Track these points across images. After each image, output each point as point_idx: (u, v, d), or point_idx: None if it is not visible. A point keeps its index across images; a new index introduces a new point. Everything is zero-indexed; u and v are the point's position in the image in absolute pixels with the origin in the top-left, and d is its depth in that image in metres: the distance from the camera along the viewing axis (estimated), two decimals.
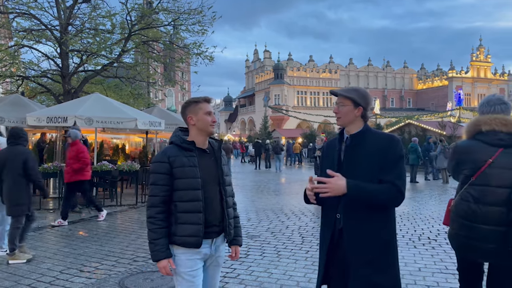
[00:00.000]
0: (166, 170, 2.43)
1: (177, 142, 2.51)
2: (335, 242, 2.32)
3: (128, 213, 9.23)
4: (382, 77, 72.68)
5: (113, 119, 10.05)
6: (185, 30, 15.31)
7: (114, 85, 17.85)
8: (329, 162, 2.43)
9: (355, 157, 2.31)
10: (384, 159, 2.24)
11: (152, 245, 2.42)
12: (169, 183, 2.43)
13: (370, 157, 2.26)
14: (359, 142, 2.33)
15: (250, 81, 73.45)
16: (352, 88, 2.45)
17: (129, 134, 18.20)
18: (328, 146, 2.56)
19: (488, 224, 2.57)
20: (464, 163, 2.81)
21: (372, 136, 2.35)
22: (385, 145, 2.28)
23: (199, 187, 2.43)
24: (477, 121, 2.84)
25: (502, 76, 75.79)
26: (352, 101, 2.35)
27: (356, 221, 2.24)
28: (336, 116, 2.42)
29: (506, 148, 2.66)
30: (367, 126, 2.39)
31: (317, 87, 61.26)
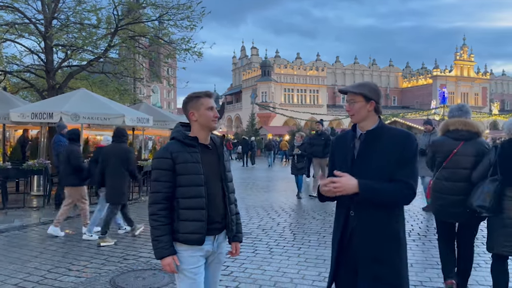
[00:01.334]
0: (168, 166, 2.39)
1: (180, 137, 2.46)
2: (347, 240, 2.28)
3: None
4: (368, 75, 73.21)
5: (100, 115, 9.87)
6: (174, 26, 15.13)
7: (99, 80, 17.53)
8: (341, 158, 2.37)
9: (370, 154, 2.26)
10: (399, 156, 2.20)
11: (156, 242, 2.37)
12: (172, 180, 2.39)
13: (386, 154, 2.22)
14: (374, 139, 2.28)
15: (237, 78, 73.24)
16: (360, 83, 2.40)
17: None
18: (339, 141, 2.50)
19: (455, 195, 3.67)
20: (438, 153, 4.11)
21: (388, 132, 2.30)
22: (401, 142, 2.23)
23: (202, 183, 2.39)
24: (446, 123, 4.16)
25: (484, 75, 77.06)
26: (363, 96, 2.30)
27: (368, 218, 2.20)
28: (349, 114, 2.37)
29: (466, 141, 3.94)
30: (382, 122, 2.34)
31: (304, 84, 61.40)
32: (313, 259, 5.31)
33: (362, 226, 2.21)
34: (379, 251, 2.19)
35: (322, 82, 62.83)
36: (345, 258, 2.29)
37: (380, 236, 2.19)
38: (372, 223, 2.20)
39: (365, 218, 2.20)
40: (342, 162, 2.35)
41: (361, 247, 2.21)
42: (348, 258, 2.28)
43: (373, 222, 2.20)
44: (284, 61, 64.32)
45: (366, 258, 2.19)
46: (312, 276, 4.65)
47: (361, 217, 2.21)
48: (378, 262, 2.17)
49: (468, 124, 3.97)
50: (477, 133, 3.97)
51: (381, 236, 2.19)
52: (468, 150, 3.87)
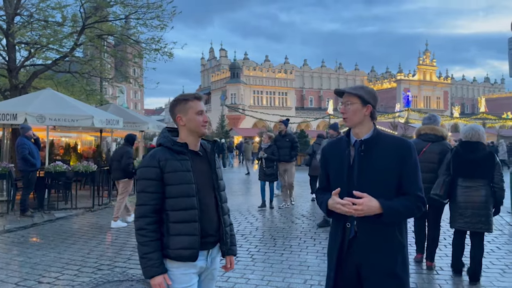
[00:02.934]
0: (156, 176, 2.18)
1: (167, 144, 2.25)
2: (344, 253, 2.18)
3: (85, 217, 8.69)
4: (335, 78, 74.39)
5: (68, 116, 9.43)
6: (143, 25, 14.75)
7: (64, 80, 16.85)
8: (336, 167, 2.26)
9: (367, 163, 2.15)
10: (404, 167, 2.13)
11: (144, 260, 2.16)
12: (160, 190, 2.19)
13: (384, 164, 2.13)
14: (371, 148, 2.18)
15: (206, 80, 72.68)
16: (357, 85, 2.31)
17: (81, 133, 17.31)
18: (332, 148, 2.37)
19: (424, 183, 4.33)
20: None
21: (385, 140, 2.21)
22: (403, 152, 2.16)
23: (194, 193, 2.20)
24: (418, 129, 5.38)
25: (446, 79, 79.96)
26: (360, 98, 2.20)
27: (370, 229, 2.10)
28: (343, 116, 2.25)
29: (432, 142, 5.03)
30: (378, 129, 2.25)
31: (273, 87, 61.64)
32: (296, 265, 5.20)
33: (366, 239, 2.12)
34: (385, 264, 2.11)
35: (290, 85, 63.30)
36: (345, 270, 2.19)
37: (386, 249, 2.11)
38: (374, 234, 2.11)
39: (368, 231, 2.11)
40: (337, 171, 2.25)
41: (366, 261, 2.12)
42: (348, 270, 2.18)
43: (375, 233, 2.11)
44: (253, 63, 64.42)
45: (372, 272, 2.11)
46: (299, 285, 4.53)
47: (363, 230, 2.12)
48: (385, 276, 2.10)
49: (435, 130, 5.11)
50: (442, 136, 5.08)
51: (387, 249, 2.11)
52: (434, 149, 4.97)
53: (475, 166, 4.45)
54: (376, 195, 2.08)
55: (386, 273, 2.10)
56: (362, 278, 2.14)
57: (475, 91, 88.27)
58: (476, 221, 4.39)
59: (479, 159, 4.45)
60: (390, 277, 2.10)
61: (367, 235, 2.11)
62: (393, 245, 2.12)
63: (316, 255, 5.64)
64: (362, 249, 2.12)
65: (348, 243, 2.17)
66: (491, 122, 52.32)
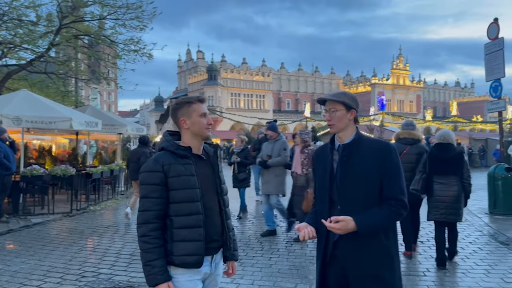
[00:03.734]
0: (159, 181, 2.13)
1: (171, 148, 2.20)
2: (329, 255, 2.20)
3: (64, 222, 8.43)
4: (311, 81, 75.09)
5: (45, 118, 9.15)
6: (122, 25, 14.52)
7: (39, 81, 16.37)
8: (321, 173, 2.31)
9: (350, 168, 2.18)
10: (384, 170, 2.16)
11: (148, 268, 2.09)
12: (164, 195, 2.13)
13: (367, 168, 2.15)
14: (353, 151, 2.21)
15: (183, 82, 72.08)
16: (339, 92, 2.34)
17: (56, 135, 16.84)
18: (319, 154, 2.41)
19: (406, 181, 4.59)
20: None
21: (367, 144, 2.24)
22: (383, 154, 2.18)
23: (198, 198, 2.15)
24: (397, 133, 6.02)
25: (418, 83, 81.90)
26: (344, 105, 2.24)
27: (354, 232, 2.09)
28: (328, 123, 2.28)
29: (411, 145, 5.67)
30: (359, 133, 2.29)
31: (251, 89, 61.69)
32: (286, 269, 5.18)
33: (350, 242, 2.13)
34: (370, 267, 2.11)
35: (268, 88, 63.51)
36: (332, 273, 2.21)
37: (370, 252, 2.12)
38: (361, 238, 2.11)
39: (352, 234, 2.10)
40: (321, 177, 2.28)
41: (350, 263, 2.13)
42: (335, 273, 2.20)
43: (361, 238, 2.11)
44: (231, 65, 64.32)
45: (358, 275, 2.12)
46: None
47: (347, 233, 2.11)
48: (371, 279, 2.11)
49: (412, 134, 5.78)
50: (418, 140, 5.77)
51: (371, 252, 2.12)
52: (412, 151, 5.60)
53: (448, 164, 5.20)
54: (358, 199, 2.13)
55: (371, 275, 2.11)
56: (349, 280, 2.15)
57: (447, 95, 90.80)
58: (449, 213, 5.12)
59: (450, 158, 5.22)
60: (376, 279, 2.11)
61: (351, 237, 2.11)
62: (377, 247, 2.13)
63: (305, 258, 5.64)
64: (347, 252, 2.14)
65: (332, 245, 2.18)
66: (462, 125, 53.94)
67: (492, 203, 8.79)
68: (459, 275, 4.94)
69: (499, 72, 9.20)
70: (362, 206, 2.13)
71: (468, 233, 7.07)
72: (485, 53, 9.61)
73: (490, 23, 9.55)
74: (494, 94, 9.38)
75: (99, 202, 10.91)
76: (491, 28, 9.49)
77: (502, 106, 9.28)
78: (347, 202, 2.15)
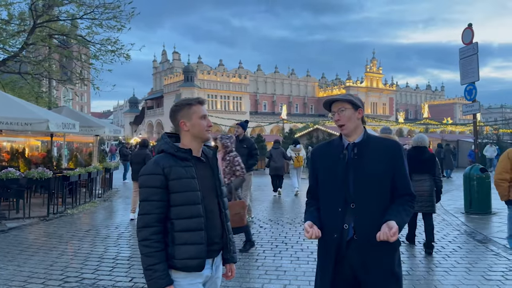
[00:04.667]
0: (160, 184, 2.11)
1: (171, 150, 2.19)
2: (341, 255, 2.20)
3: (41, 227, 8.19)
4: (287, 84, 75.62)
5: (20, 120, 8.84)
6: (99, 25, 14.25)
7: (11, 81, 15.88)
8: (329, 171, 2.29)
9: (363, 167, 2.21)
10: (396, 167, 2.23)
11: (150, 272, 2.07)
12: (165, 198, 2.12)
13: (380, 166, 2.20)
14: (365, 150, 2.25)
15: (158, 83, 71.28)
16: (344, 93, 2.40)
17: (29, 137, 16.35)
18: (322, 152, 2.41)
19: None
20: None
21: (376, 142, 2.31)
22: (394, 152, 2.26)
23: (199, 201, 2.15)
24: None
25: (391, 86, 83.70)
26: (351, 104, 2.28)
27: (369, 229, 2.13)
28: (338, 124, 2.30)
29: None
30: (367, 132, 2.34)
31: (228, 91, 61.63)
32: (273, 270, 5.19)
33: (364, 240, 2.14)
34: (386, 264, 2.17)
35: (245, 89, 63.60)
36: (340, 272, 2.21)
37: (385, 248, 2.15)
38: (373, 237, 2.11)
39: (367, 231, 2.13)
40: (329, 174, 2.28)
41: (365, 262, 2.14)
42: (344, 272, 2.21)
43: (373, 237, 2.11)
44: (207, 67, 64.10)
45: (374, 273, 2.14)
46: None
47: (362, 231, 2.15)
48: (388, 276, 2.16)
49: (390, 138, 6.00)
50: None
51: (386, 248, 2.15)
52: None
53: (423, 165, 5.98)
54: (372, 197, 2.17)
55: (386, 272, 2.15)
56: (360, 279, 2.17)
57: (418, 97, 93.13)
58: (426, 205, 5.92)
59: (425, 160, 6.06)
60: (390, 276, 2.16)
61: (366, 235, 2.13)
62: (391, 243, 2.14)
63: (291, 260, 5.67)
64: (361, 250, 2.15)
65: (345, 244, 2.19)
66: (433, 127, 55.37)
67: (467, 203, 9.06)
68: (442, 273, 5.06)
69: (474, 75, 9.50)
70: (375, 203, 2.17)
71: (447, 232, 7.27)
72: (460, 57, 9.91)
73: (465, 28, 9.85)
74: (468, 97, 9.69)
75: (76, 205, 10.65)
76: (466, 33, 9.79)
77: (477, 108, 9.59)
78: (362, 200, 2.17)
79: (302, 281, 4.79)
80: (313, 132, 31.11)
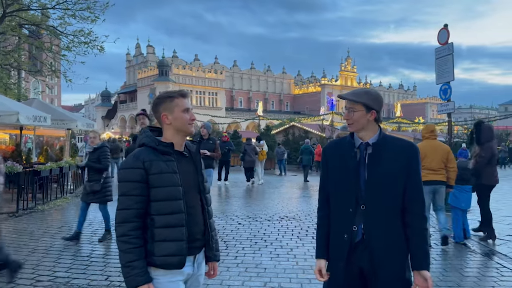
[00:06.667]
0: (140, 178, 2.05)
1: (152, 144, 2.12)
2: (350, 257, 2.14)
3: (11, 223, 7.87)
4: (263, 80, 75.69)
5: None
6: (72, 16, 13.82)
7: None
8: (341, 169, 2.20)
9: (378, 168, 2.12)
10: (410, 170, 2.14)
11: (128, 269, 2.00)
12: (145, 193, 2.06)
13: (395, 168, 2.11)
14: (380, 150, 2.16)
15: (132, 76, 70.01)
16: (361, 90, 2.26)
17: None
18: (334, 150, 2.30)
19: None
20: None
21: (392, 143, 2.20)
22: (409, 153, 2.15)
23: (181, 196, 2.09)
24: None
25: (365, 85, 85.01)
26: (363, 105, 2.16)
27: (379, 232, 2.09)
28: (347, 122, 2.22)
29: None
30: (383, 132, 2.23)
31: (203, 86, 61.15)
32: (253, 268, 5.13)
33: (374, 243, 2.09)
34: (396, 269, 2.10)
35: (220, 85, 63.25)
36: (349, 274, 2.15)
37: (395, 253, 2.10)
38: (384, 237, 2.09)
39: (377, 234, 2.09)
40: (342, 173, 2.19)
41: (374, 265, 2.09)
42: (352, 274, 2.15)
43: (385, 236, 2.09)
44: (182, 62, 63.40)
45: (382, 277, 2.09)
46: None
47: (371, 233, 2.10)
48: (396, 281, 2.10)
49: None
50: None
51: (396, 253, 2.10)
52: None
53: None
54: (383, 199, 2.09)
55: (395, 277, 2.09)
56: (369, 282, 2.13)
57: (391, 96, 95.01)
58: None
59: None
60: (399, 281, 2.09)
61: (376, 238, 2.08)
62: (402, 248, 2.11)
63: (270, 257, 5.63)
64: (370, 253, 2.09)
65: (354, 245, 2.13)
66: (405, 126, 56.67)
67: None
68: None
69: (449, 75, 9.67)
70: (386, 206, 2.10)
71: None
72: (436, 57, 10.08)
73: (441, 28, 10.02)
74: (444, 97, 9.87)
75: (47, 201, 10.30)
76: (441, 34, 9.96)
77: (452, 108, 9.78)
78: (372, 202, 2.10)
79: (283, 278, 4.75)
80: (289, 129, 31.24)
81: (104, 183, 6.56)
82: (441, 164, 6.05)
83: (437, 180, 6.02)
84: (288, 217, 8.53)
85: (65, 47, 14.16)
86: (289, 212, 9.11)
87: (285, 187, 15.03)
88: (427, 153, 6.02)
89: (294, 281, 4.63)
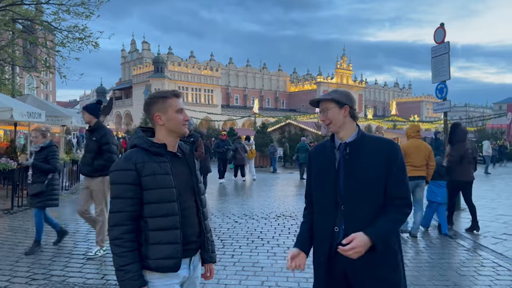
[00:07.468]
0: (132, 180, 2.01)
1: (144, 145, 2.08)
2: (332, 258, 2.13)
3: (5, 220, 7.81)
4: (259, 78, 75.61)
5: None
6: (66, 11, 13.70)
7: None
8: (321, 171, 2.23)
9: (355, 167, 2.12)
10: (390, 168, 2.11)
11: (121, 273, 1.97)
12: (138, 195, 2.02)
13: (373, 167, 2.10)
14: (357, 150, 2.15)
15: (127, 73, 69.68)
16: (331, 91, 2.30)
17: None
18: (317, 152, 2.33)
19: None
20: None
21: (371, 142, 2.19)
22: (388, 152, 2.14)
23: (175, 198, 2.05)
24: None
25: (360, 83, 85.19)
26: (334, 102, 2.18)
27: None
28: (325, 124, 2.22)
29: None
30: (362, 131, 2.24)
31: (199, 83, 60.97)
32: (250, 267, 5.12)
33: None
34: (376, 268, 2.07)
35: (216, 82, 63.11)
36: (333, 276, 2.16)
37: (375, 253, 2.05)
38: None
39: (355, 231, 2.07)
40: (322, 175, 2.22)
41: (355, 265, 2.07)
42: (336, 276, 2.15)
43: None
44: (178, 58, 63.16)
45: (364, 277, 2.08)
46: (256, 287, 4.46)
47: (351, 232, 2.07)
48: (377, 280, 2.08)
49: None
50: None
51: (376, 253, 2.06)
52: None
53: None
54: (363, 199, 2.08)
55: (376, 277, 2.07)
56: (351, 283, 2.12)
57: (386, 95, 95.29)
58: None
59: None
60: (381, 281, 2.08)
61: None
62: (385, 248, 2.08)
63: (267, 255, 5.61)
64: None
65: (336, 247, 2.11)
66: (401, 124, 56.82)
67: None
68: (417, 269, 5.13)
69: (445, 74, 9.71)
70: (366, 206, 2.08)
71: None
72: (432, 56, 10.10)
73: (437, 27, 10.04)
74: (440, 95, 9.90)
75: None
76: (438, 33, 9.98)
77: (448, 106, 9.82)
78: (351, 202, 2.10)
79: (280, 277, 4.74)
80: (285, 126, 31.30)
81: (49, 185, 5.79)
82: (424, 161, 6.57)
83: (419, 175, 6.55)
84: (284, 215, 8.52)
85: (60, 43, 14.05)
86: (285, 210, 9.11)
87: (282, 185, 15.04)
88: (412, 151, 6.52)
89: (291, 280, 4.62)
